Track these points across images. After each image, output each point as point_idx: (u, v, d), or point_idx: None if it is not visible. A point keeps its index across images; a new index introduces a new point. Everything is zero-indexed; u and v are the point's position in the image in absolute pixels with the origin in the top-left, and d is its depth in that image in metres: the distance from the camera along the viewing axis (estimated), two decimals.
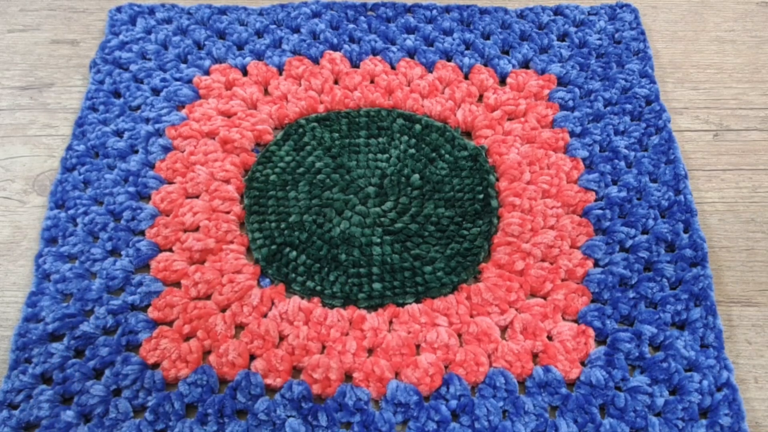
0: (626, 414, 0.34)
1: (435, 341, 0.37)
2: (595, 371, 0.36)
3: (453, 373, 0.36)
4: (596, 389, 0.35)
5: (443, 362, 0.37)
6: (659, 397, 0.35)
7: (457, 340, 0.37)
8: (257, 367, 0.36)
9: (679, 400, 0.35)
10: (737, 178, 0.45)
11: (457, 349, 0.37)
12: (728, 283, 0.40)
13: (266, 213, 0.42)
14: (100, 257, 0.40)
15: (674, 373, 0.36)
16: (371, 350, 0.37)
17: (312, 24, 0.51)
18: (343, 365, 0.36)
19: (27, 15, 0.53)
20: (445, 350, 0.37)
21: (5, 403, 0.35)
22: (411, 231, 0.41)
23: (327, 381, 0.35)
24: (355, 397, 0.35)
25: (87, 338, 0.37)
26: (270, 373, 0.36)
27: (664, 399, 0.35)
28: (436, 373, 0.36)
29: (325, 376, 0.36)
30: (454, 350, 0.37)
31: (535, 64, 0.49)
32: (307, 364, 0.36)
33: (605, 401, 0.35)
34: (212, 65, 0.49)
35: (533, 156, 0.44)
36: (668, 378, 0.35)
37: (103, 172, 0.44)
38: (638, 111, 0.46)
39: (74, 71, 0.50)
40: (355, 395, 0.35)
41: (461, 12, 0.52)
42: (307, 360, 0.36)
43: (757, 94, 0.49)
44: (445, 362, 0.37)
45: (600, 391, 0.35)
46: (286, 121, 0.47)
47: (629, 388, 0.35)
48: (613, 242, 0.40)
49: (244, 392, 0.35)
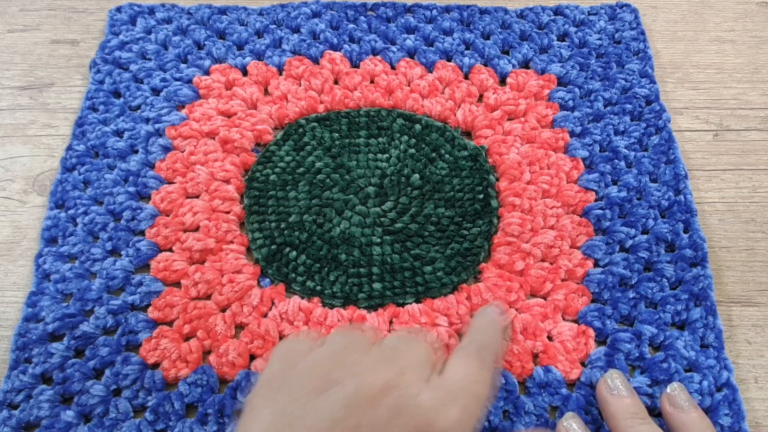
0: None
1: (435, 341, 0.37)
2: (595, 372, 0.36)
3: None
4: (596, 390, 0.35)
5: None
6: (659, 398, 0.35)
7: (457, 340, 0.37)
8: (257, 367, 0.36)
9: None
10: (737, 178, 0.45)
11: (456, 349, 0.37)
12: (728, 283, 0.40)
13: (266, 213, 0.42)
14: (100, 257, 0.40)
15: (674, 373, 0.36)
16: None
17: (312, 24, 0.51)
18: None
19: (27, 15, 0.53)
20: (446, 350, 0.37)
21: (5, 403, 0.35)
22: (411, 231, 0.41)
23: None
24: None
25: (87, 338, 0.37)
26: None
27: None
28: None
29: None
30: (453, 350, 0.37)
31: (535, 64, 0.49)
32: None
33: None
34: (212, 65, 0.49)
35: (533, 156, 0.44)
36: (668, 378, 0.35)
37: (103, 172, 0.44)
38: (638, 111, 0.46)
39: (74, 71, 0.50)
40: None
41: (461, 12, 0.52)
42: None
43: (757, 94, 0.49)
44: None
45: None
46: (286, 121, 0.47)
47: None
48: (613, 242, 0.41)
49: (244, 392, 0.35)
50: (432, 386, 0.27)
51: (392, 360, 0.27)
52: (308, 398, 0.26)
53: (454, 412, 0.26)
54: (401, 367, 0.27)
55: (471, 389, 0.28)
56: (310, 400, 0.26)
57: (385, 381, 0.26)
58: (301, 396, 0.26)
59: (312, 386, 0.26)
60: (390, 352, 0.28)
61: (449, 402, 0.26)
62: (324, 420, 0.25)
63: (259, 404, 0.27)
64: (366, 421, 0.25)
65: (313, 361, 0.28)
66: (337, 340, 0.29)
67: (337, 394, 0.26)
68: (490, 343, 0.31)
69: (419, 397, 0.26)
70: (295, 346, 0.29)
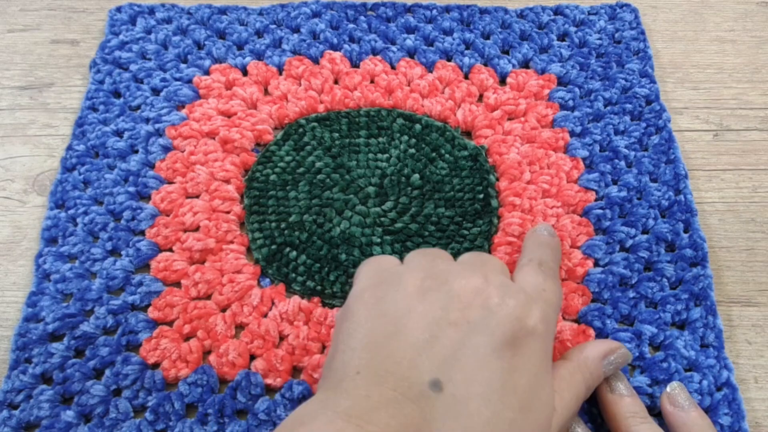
0: None
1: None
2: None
3: None
4: (596, 390, 0.35)
5: None
6: (659, 398, 0.35)
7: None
8: (257, 367, 0.36)
9: None
10: (737, 178, 0.45)
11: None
12: (728, 283, 0.40)
13: (266, 213, 0.42)
14: (100, 257, 0.40)
15: (674, 373, 0.36)
16: None
17: (312, 24, 0.51)
18: None
19: (27, 15, 0.53)
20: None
21: (5, 403, 0.35)
22: (411, 231, 0.41)
23: None
24: None
25: (87, 338, 0.37)
26: (270, 373, 0.36)
27: None
28: None
29: None
30: None
31: (535, 64, 0.49)
32: (308, 363, 0.36)
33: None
34: (212, 65, 0.49)
35: (533, 156, 0.44)
36: (668, 378, 0.35)
37: (103, 172, 0.44)
38: (638, 111, 0.46)
39: (74, 71, 0.50)
40: None
41: (461, 12, 0.52)
42: (308, 360, 0.36)
43: (757, 94, 0.49)
44: None
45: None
46: (286, 121, 0.47)
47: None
48: (613, 242, 0.41)
49: (244, 392, 0.35)
50: (514, 291, 0.30)
51: (476, 269, 0.30)
52: (407, 302, 0.28)
53: (536, 311, 0.29)
54: (485, 273, 0.30)
55: (544, 296, 0.31)
56: (409, 303, 0.28)
57: (474, 286, 0.29)
58: (400, 300, 0.29)
59: (408, 292, 0.29)
60: (472, 263, 0.31)
61: (530, 304, 0.29)
62: (426, 319, 0.28)
63: (359, 311, 0.29)
64: (463, 320, 0.28)
65: (405, 271, 0.30)
66: (420, 256, 0.32)
67: (435, 297, 0.28)
68: (550, 257, 0.35)
69: (505, 298, 0.29)
70: (382, 262, 0.32)
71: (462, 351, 0.27)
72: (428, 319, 0.27)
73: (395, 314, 0.28)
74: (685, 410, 0.33)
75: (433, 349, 0.27)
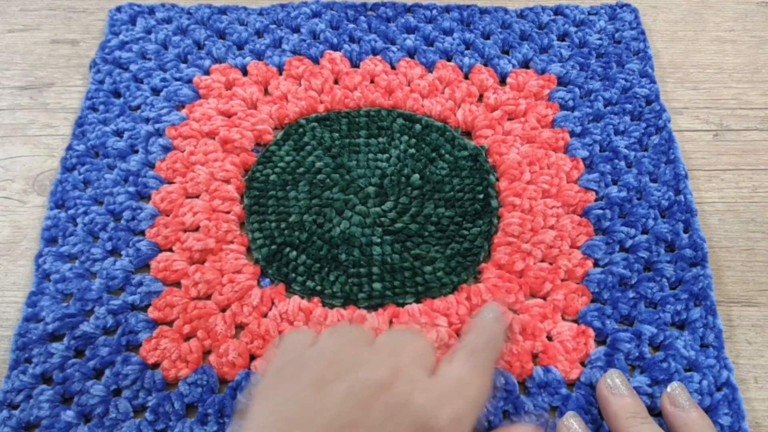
0: None
1: (435, 341, 0.37)
2: (595, 372, 0.36)
3: None
4: (596, 389, 0.35)
5: None
6: (659, 398, 0.35)
7: (456, 340, 0.37)
8: (257, 367, 0.36)
9: None
10: (737, 178, 0.45)
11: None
12: (728, 283, 0.40)
13: (266, 213, 0.42)
14: (100, 257, 0.40)
15: (674, 373, 0.36)
16: None
17: (312, 24, 0.51)
18: None
19: (27, 15, 0.53)
20: (445, 350, 0.37)
21: (5, 403, 0.35)
22: (411, 231, 0.41)
23: None
24: None
25: (87, 338, 0.37)
26: None
27: None
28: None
29: None
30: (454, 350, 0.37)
31: (535, 64, 0.49)
32: None
33: None
34: (212, 65, 0.49)
35: (533, 156, 0.44)
36: (668, 378, 0.35)
37: (103, 172, 0.44)
38: (638, 111, 0.46)
39: (74, 71, 0.50)
40: None
41: (461, 12, 0.52)
42: None
43: (757, 94, 0.49)
44: None
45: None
46: (286, 121, 0.47)
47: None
48: (613, 242, 0.41)
49: (244, 392, 0.35)
50: (426, 387, 0.27)
51: (387, 358, 0.28)
52: (303, 397, 0.26)
53: (447, 412, 0.26)
54: (396, 365, 0.27)
55: (464, 391, 0.28)
56: (305, 399, 0.26)
57: (379, 379, 0.26)
58: (295, 395, 0.26)
59: (305, 385, 0.27)
60: (386, 350, 0.29)
61: (442, 402, 0.27)
62: (319, 418, 0.25)
63: (254, 405, 0.27)
64: (361, 420, 0.25)
65: (309, 358, 0.28)
66: (334, 337, 0.29)
67: (333, 392, 0.26)
68: (486, 346, 0.31)
69: (412, 395, 0.26)
70: (299, 338, 0.30)
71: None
72: (324, 420, 0.25)
73: (287, 412, 0.26)
74: (686, 410, 0.33)
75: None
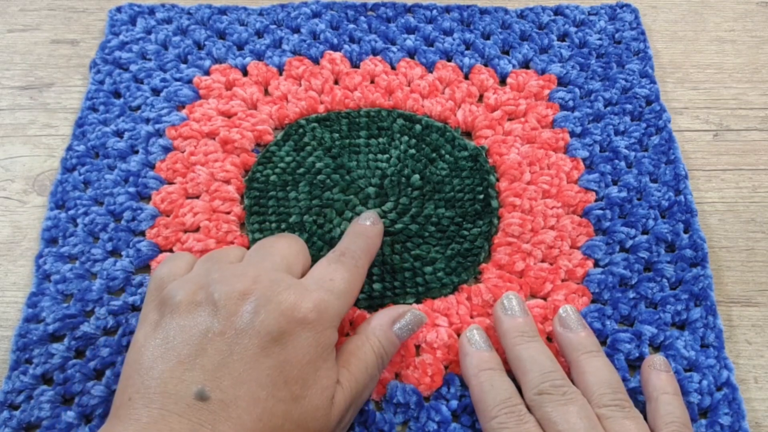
0: None
1: (435, 341, 0.37)
2: None
3: (453, 373, 0.36)
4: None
5: (443, 362, 0.37)
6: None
7: (457, 341, 0.37)
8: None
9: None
10: (737, 178, 0.45)
11: (457, 349, 0.37)
12: (728, 283, 0.40)
13: (266, 214, 0.42)
14: (101, 258, 0.40)
15: (674, 373, 0.36)
16: None
17: (312, 24, 0.51)
18: None
19: (27, 15, 0.53)
20: (445, 350, 0.37)
21: (6, 403, 0.35)
22: (411, 231, 0.41)
23: None
24: None
25: (88, 339, 0.37)
26: None
27: None
28: (436, 374, 0.36)
29: None
30: (454, 350, 0.37)
31: (536, 64, 0.49)
32: None
33: None
34: (212, 65, 0.49)
35: (533, 156, 0.44)
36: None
37: (104, 172, 0.44)
38: (638, 111, 0.46)
39: (74, 71, 0.50)
40: None
41: (461, 12, 0.52)
42: None
43: (757, 94, 0.49)
44: (445, 362, 0.37)
45: None
46: (287, 122, 0.47)
47: (629, 388, 0.35)
48: (613, 242, 0.41)
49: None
50: (288, 284, 0.30)
51: (251, 268, 0.31)
52: (177, 321, 0.29)
53: (308, 303, 0.30)
54: (257, 272, 0.30)
55: (327, 285, 0.31)
56: (180, 322, 0.29)
57: (239, 291, 0.29)
58: (172, 321, 0.29)
59: (180, 310, 0.30)
60: (252, 262, 0.32)
61: (303, 295, 0.30)
62: (194, 334, 0.28)
63: (137, 338, 0.30)
64: (230, 328, 0.28)
65: (179, 286, 0.31)
66: (202, 263, 0.33)
67: (202, 311, 0.29)
68: (357, 247, 0.35)
69: (272, 296, 0.29)
70: (174, 266, 0.33)
71: (230, 357, 0.28)
72: (196, 334, 0.28)
73: (166, 335, 0.29)
74: (573, 330, 0.35)
75: (201, 361, 0.28)
